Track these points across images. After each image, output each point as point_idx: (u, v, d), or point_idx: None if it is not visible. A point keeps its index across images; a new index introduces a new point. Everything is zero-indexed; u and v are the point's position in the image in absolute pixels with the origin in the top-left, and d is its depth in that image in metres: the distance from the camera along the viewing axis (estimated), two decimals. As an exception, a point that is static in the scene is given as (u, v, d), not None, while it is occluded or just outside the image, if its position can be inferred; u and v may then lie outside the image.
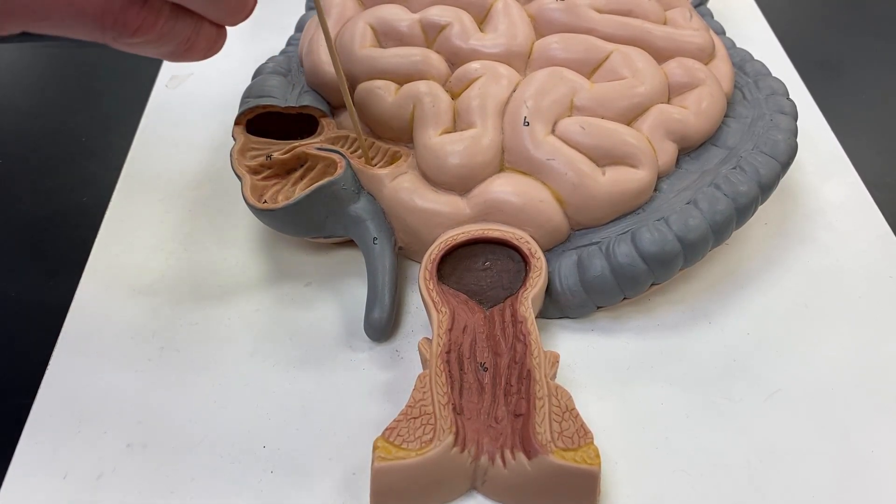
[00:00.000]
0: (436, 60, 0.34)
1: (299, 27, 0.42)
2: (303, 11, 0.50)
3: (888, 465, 0.27)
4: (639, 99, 0.33)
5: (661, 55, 0.35)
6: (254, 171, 0.33)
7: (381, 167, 0.33)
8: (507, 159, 0.32)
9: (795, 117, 0.35)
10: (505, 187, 0.31)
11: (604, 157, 0.31)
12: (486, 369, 0.27)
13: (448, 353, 0.27)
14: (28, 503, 0.26)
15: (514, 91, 0.33)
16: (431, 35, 0.36)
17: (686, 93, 0.34)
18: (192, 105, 0.44)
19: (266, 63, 0.39)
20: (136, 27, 0.23)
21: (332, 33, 0.37)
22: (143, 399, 0.29)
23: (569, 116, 0.32)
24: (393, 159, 0.33)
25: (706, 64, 0.36)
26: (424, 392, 0.26)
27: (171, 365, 0.30)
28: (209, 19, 0.25)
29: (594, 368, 0.30)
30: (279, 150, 0.34)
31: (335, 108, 0.36)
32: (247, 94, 0.36)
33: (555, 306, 0.31)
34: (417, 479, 0.25)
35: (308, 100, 0.36)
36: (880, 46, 0.50)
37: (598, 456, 0.25)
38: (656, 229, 0.30)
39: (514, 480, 0.25)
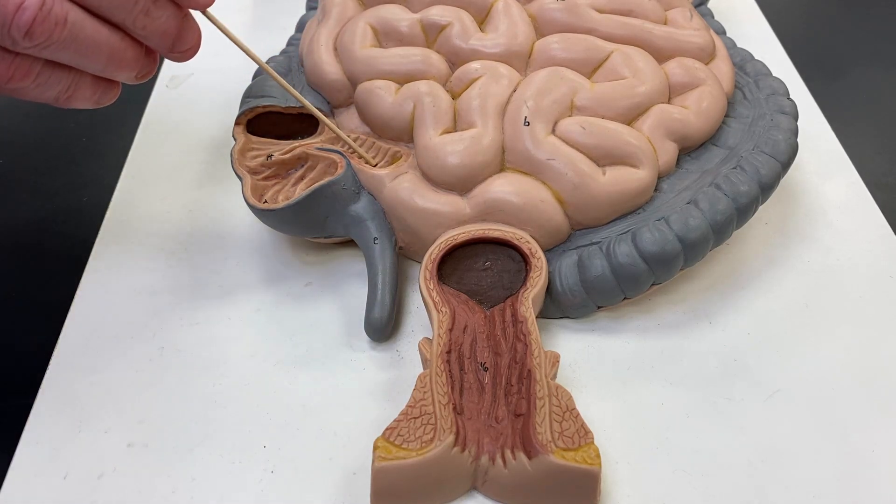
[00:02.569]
0: (436, 60, 0.34)
1: (299, 27, 0.42)
2: (303, 11, 0.50)
3: (888, 464, 0.27)
4: (639, 99, 0.33)
5: (661, 55, 0.35)
6: (254, 171, 0.33)
7: (381, 167, 0.33)
8: (507, 159, 0.32)
9: (796, 117, 0.35)
10: (505, 187, 0.31)
11: (604, 157, 0.31)
12: (486, 369, 0.27)
13: (448, 352, 0.27)
14: (28, 503, 0.26)
15: (515, 91, 0.33)
16: (432, 35, 0.36)
17: (686, 93, 0.34)
18: (192, 105, 0.44)
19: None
20: (8, 77, 0.24)
21: (333, 33, 0.37)
22: (144, 399, 0.29)
23: (569, 116, 0.32)
24: (393, 159, 0.33)
25: (707, 64, 0.36)
26: (425, 392, 0.26)
27: (171, 365, 0.30)
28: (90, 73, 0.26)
29: (595, 368, 0.30)
30: (279, 150, 0.34)
31: (335, 108, 0.36)
32: (247, 94, 0.36)
33: (555, 306, 0.31)
34: (418, 478, 0.25)
35: (309, 100, 0.36)
36: (880, 46, 0.50)
37: (598, 456, 0.25)
38: (657, 229, 0.30)
39: (514, 480, 0.25)
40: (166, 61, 0.47)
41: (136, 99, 0.44)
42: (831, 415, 0.29)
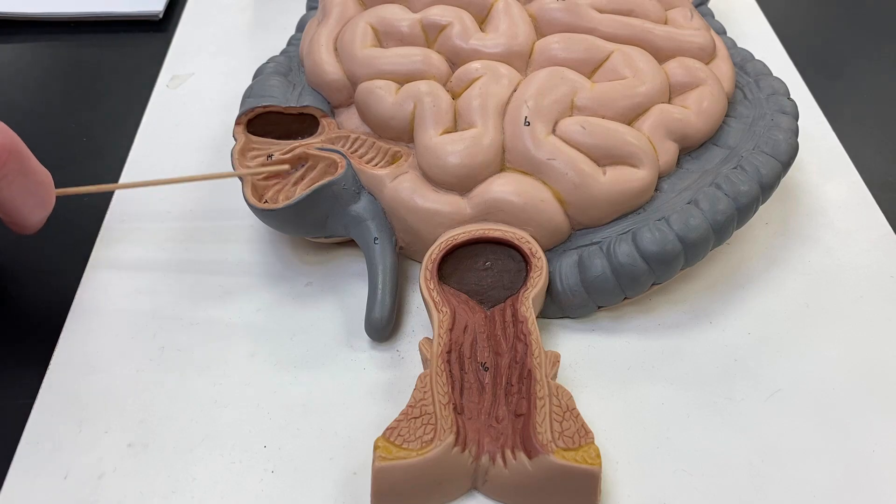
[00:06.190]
0: (436, 60, 0.34)
1: (300, 27, 0.42)
2: (303, 11, 0.50)
3: (889, 464, 0.27)
4: (640, 99, 0.33)
5: (661, 55, 0.35)
6: (254, 171, 0.33)
7: (381, 167, 0.33)
8: (507, 159, 0.32)
9: (796, 117, 0.35)
10: (506, 187, 0.31)
11: (605, 157, 0.31)
12: (486, 369, 0.27)
13: (449, 352, 0.27)
14: (28, 503, 0.26)
15: (515, 91, 0.33)
16: (432, 35, 0.36)
17: (687, 92, 0.34)
18: (192, 105, 0.44)
19: (266, 63, 0.39)
20: None
21: (333, 33, 0.37)
22: (144, 399, 0.29)
23: (569, 116, 0.32)
24: (393, 159, 0.33)
25: (707, 63, 0.36)
26: (425, 392, 0.26)
27: (171, 365, 0.30)
28: None
29: (595, 368, 0.30)
30: (280, 150, 0.34)
31: (336, 108, 0.36)
32: (247, 94, 0.36)
33: (556, 306, 0.31)
34: (418, 479, 0.25)
35: (309, 100, 0.36)
36: (880, 46, 0.50)
37: (598, 456, 0.25)
38: (657, 229, 0.30)
39: (515, 480, 0.25)
40: (167, 61, 0.47)
41: (136, 99, 0.44)
42: (831, 415, 0.29)
